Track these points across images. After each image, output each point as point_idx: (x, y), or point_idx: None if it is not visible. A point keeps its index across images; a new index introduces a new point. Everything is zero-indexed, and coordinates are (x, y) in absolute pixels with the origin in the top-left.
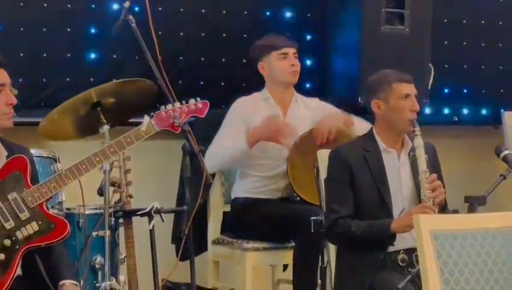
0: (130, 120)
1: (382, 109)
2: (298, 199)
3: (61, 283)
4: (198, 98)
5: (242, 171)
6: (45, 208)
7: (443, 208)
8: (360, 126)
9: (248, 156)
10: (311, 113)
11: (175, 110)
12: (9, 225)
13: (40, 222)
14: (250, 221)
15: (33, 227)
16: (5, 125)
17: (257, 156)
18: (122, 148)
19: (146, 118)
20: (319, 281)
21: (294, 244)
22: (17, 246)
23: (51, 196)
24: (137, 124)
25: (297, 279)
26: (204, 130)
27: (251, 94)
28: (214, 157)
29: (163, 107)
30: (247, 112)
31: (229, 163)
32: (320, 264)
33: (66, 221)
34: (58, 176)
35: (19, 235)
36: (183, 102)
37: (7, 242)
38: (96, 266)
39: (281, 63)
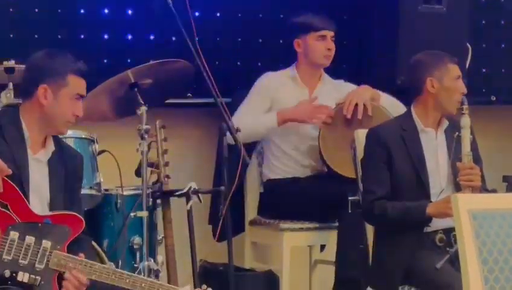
0: (167, 101)
1: (435, 87)
2: (328, 171)
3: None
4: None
5: (271, 151)
6: (56, 278)
7: (481, 189)
8: (387, 101)
9: (276, 132)
10: (337, 94)
11: None
12: (22, 263)
13: (42, 282)
14: (286, 201)
15: (35, 281)
16: (61, 132)
17: (285, 132)
18: None
19: (187, 288)
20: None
21: (332, 224)
22: (10, 282)
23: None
24: (175, 105)
25: (339, 259)
26: None
27: (280, 70)
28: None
29: (206, 288)
30: (273, 88)
31: (255, 137)
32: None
33: None
34: (91, 266)
35: (20, 277)
36: None
37: (7, 273)
38: (135, 247)
39: (318, 45)
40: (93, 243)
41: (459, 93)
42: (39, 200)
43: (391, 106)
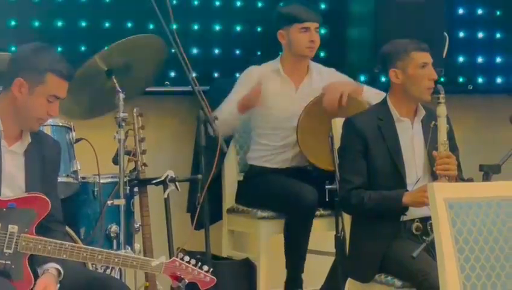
0: (147, 89)
1: (400, 78)
2: (310, 168)
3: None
4: (211, 269)
5: (254, 140)
6: (27, 260)
7: (457, 177)
8: (370, 94)
9: (258, 126)
10: (325, 84)
11: (187, 268)
12: None
13: (13, 266)
14: (253, 190)
15: (5, 266)
16: (33, 129)
17: (267, 126)
18: (125, 266)
19: (162, 258)
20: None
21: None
22: None
23: (41, 255)
24: (152, 93)
25: (288, 253)
26: (218, 99)
27: (264, 64)
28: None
29: (183, 257)
30: (254, 82)
31: (229, 127)
32: (335, 233)
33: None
34: (61, 245)
35: None
36: (198, 264)
37: None
38: (112, 235)
39: (301, 37)
40: (68, 228)
41: (428, 80)
42: (13, 192)
43: (375, 99)
